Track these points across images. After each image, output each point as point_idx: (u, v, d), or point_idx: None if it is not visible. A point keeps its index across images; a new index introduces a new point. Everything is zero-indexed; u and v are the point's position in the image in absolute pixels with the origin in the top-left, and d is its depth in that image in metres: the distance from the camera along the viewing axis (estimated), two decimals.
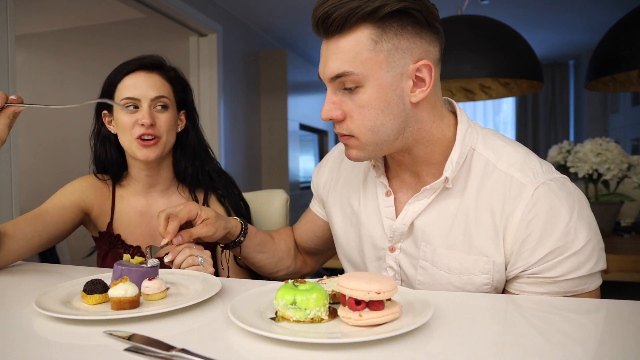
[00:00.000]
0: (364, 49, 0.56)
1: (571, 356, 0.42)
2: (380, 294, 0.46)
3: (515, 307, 0.57)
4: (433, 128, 0.63)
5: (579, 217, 0.58)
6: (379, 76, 0.57)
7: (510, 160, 0.61)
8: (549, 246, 0.57)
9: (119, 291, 0.54)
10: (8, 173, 1.64)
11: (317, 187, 0.85)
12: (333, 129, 0.69)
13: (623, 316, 0.52)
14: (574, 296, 0.59)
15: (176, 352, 0.42)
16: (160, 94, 0.86)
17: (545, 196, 0.58)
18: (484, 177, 0.62)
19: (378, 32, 0.56)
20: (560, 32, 3.78)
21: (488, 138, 0.64)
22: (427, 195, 0.65)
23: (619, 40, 1.73)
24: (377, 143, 0.61)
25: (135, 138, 0.84)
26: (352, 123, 0.60)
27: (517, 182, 0.59)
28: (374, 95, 0.58)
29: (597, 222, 0.60)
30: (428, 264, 0.65)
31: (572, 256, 0.57)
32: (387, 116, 0.59)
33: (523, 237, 0.58)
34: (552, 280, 0.58)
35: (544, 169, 0.61)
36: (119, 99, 0.86)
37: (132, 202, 0.93)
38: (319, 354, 0.42)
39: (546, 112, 4.83)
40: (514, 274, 0.60)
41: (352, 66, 0.57)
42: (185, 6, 2.61)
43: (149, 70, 0.88)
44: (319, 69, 0.62)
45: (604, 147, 1.68)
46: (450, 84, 2.28)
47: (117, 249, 0.90)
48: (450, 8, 2.85)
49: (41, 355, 0.45)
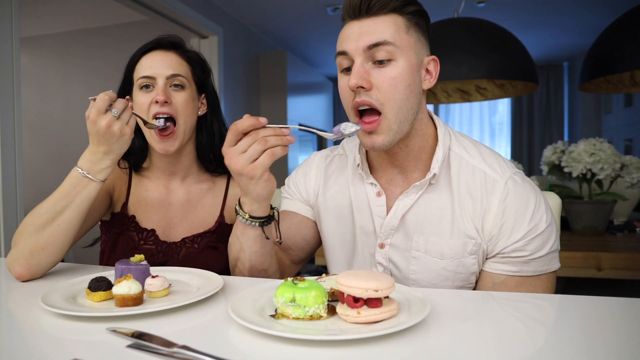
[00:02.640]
0: (401, 29, 0.66)
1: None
2: (378, 291, 0.47)
3: (509, 304, 0.59)
4: (427, 122, 0.73)
5: (541, 202, 0.69)
6: (410, 55, 0.66)
7: (479, 157, 0.72)
8: (523, 229, 0.67)
9: (123, 288, 0.55)
10: (13, 174, 1.65)
11: (304, 192, 0.84)
12: (350, 107, 0.67)
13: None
14: (539, 276, 0.68)
15: (178, 348, 0.43)
16: (176, 72, 0.83)
17: (514, 187, 0.68)
18: (460, 171, 0.71)
19: (408, 23, 0.67)
20: (555, 34, 3.81)
21: (459, 139, 0.74)
22: (416, 192, 0.71)
23: (612, 42, 1.76)
24: (400, 121, 0.67)
25: (154, 131, 0.81)
26: (380, 94, 0.65)
27: (490, 177, 0.69)
28: (405, 69, 0.65)
29: (591, 220, 0.65)
30: (421, 254, 0.71)
31: (539, 236, 0.67)
32: (411, 92, 0.67)
33: (500, 222, 0.67)
34: (524, 260, 0.67)
35: (507, 164, 0.72)
36: (137, 78, 0.84)
37: (150, 188, 0.90)
38: (318, 350, 0.43)
39: (541, 113, 4.86)
40: (493, 254, 0.69)
41: (393, 38, 0.64)
42: (186, 9, 2.61)
43: (167, 49, 0.85)
44: (348, 44, 0.65)
45: (598, 147, 1.71)
46: (447, 85, 2.30)
47: (130, 232, 0.87)
48: (447, 11, 2.87)
49: (46, 351, 0.46)
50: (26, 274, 0.70)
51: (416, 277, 0.71)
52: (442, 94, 2.33)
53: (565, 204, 1.75)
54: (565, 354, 0.42)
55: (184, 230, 0.89)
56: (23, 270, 0.70)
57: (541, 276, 0.69)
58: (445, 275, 0.69)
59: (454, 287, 0.70)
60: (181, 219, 0.90)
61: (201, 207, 0.91)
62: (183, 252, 0.87)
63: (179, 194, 0.91)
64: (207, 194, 0.93)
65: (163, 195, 0.90)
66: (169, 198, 0.90)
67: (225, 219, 0.91)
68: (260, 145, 0.60)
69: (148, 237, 0.87)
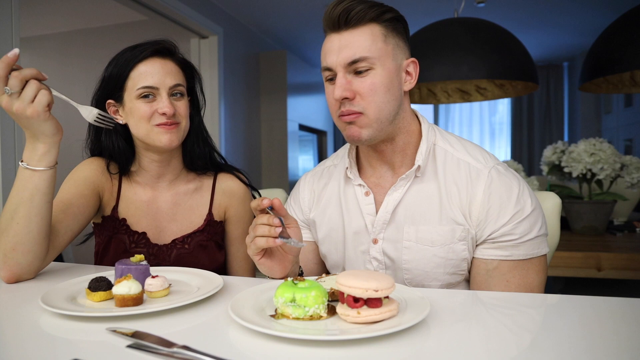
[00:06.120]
0: (378, 39, 0.70)
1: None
2: (378, 291, 0.47)
3: (510, 304, 0.59)
4: (410, 120, 0.77)
5: (525, 188, 0.73)
6: (387, 63, 0.71)
7: (463, 150, 0.76)
8: (509, 212, 0.70)
9: (123, 288, 0.55)
10: (13, 174, 1.65)
11: (300, 214, 0.88)
12: (336, 115, 0.72)
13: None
14: (531, 259, 0.71)
15: (178, 348, 0.43)
16: (178, 82, 0.83)
17: (497, 175, 0.72)
18: (445, 163, 0.75)
19: (385, 30, 0.71)
20: (555, 34, 3.81)
21: (443, 135, 0.79)
22: (403, 185, 0.75)
23: (612, 42, 1.76)
24: (381, 121, 0.71)
25: (154, 125, 0.81)
26: (363, 100, 0.70)
27: (474, 167, 0.73)
28: (384, 77, 0.70)
29: (591, 220, 0.65)
30: (412, 243, 0.74)
31: (526, 219, 0.70)
32: (391, 96, 0.71)
33: (486, 208, 0.71)
34: (513, 244, 0.70)
35: (491, 156, 0.77)
36: (133, 87, 0.81)
37: (139, 191, 0.90)
38: (317, 350, 0.43)
39: (541, 113, 4.86)
40: (482, 239, 0.72)
41: (370, 52, 0.69)
42: (186, 9, 2.62)
43: (163, 56, 0.84)
44: (330, 59, 0.71)
45: (598, 148, 1.71)
46: (447, 85, 2.30)
47: (121, 235, 0.87)
48: (447, 11, 2.87)
49: (46, 351, 0.46)
50: (10, 275, 0.70)
51: (409, 267, 0.74)
52: (442, 94, 2.33)
53: (565, 204, 1.75)
54: (566, 354, 0.42)
55: (174, 232, 0.90)
56: (5, 273, 0.70)
57: (532, 259, 0.71)
58: (437, 262, 0.72)
59: (446, 274, 0.73)
60: (170, 221, 0.90)
61: (189, 207, 0.92)
62: (174, 253, 0.88)
63: (166, 196, 0.91)
64: (195, 194, 0.94)
65: (151, 198, 0.91)
66: (157, 201, 0.91)
67: (214, 217, 0.92)
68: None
69: (139, 240, 0.88)
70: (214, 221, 0.92)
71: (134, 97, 0.82)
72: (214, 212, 0.93)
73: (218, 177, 0.96)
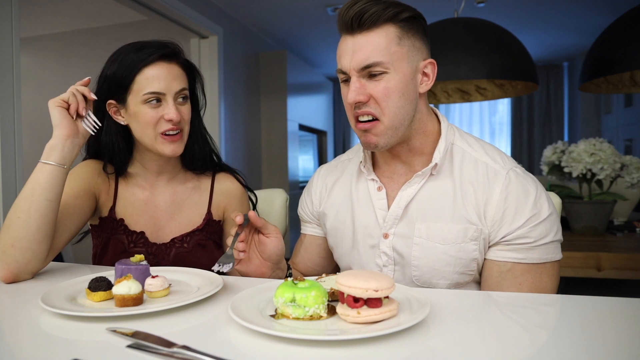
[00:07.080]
0: (392, 42, 0.68)
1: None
2: (378, 291, 0.47)
3: (509, 304, 0.59)
4: (427, 121, 0.76)
5: (542, 192, 0.72)
6: (402, 66, 0.69)
7: (481, 151, 0.76)
8: (525, 215, 0.69)
9: (123, 288, 0.55)
10: (13, 174, 1.65)
11: (310, 207, 0.89)
12: (353, 120, 0.73)
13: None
14: (545, 264, 0.70)
15: (178, 348, 0.43)
16: (183, 87, 0.83)
17: (515, 177, 0.71)
18: (462, 163, 0.74)
19: (401, 31, 0.69)
20: (555, 34, 3.81)
21: (462, 135, 0.79)
22: (418, 182, 0.75)
23: (612, 42, 1.76)
24: (396, 127, 0.71)
25: (159, 133, 0.81)
26: (377, 104, 0.70)
27: (492, 168, 0.73)
28: (398, 81, 0.69)
29: (591, 220, 0.66)
30: (423, 240, 0.73)
31: (541, 223, 0.69)
32: (406, 100, 0.70)
33: (503, 209, 0.70)
34: (528, 247, 0.69)
35: (509, 159, 0.76)
36: (139, 92, 0.80)
37: (136, 190, 0.90)
38: (317, 350, 0.43)
39: (541, 113, 4.86)
40: (496, 240, 0.71)
41: (383, 56, 0.68)
42: (186, 9, 2.61)
43: (169, 60, 0.83)
44: (344, 62, 0.70)
45: (598, 147, 1.71)
46: (447, 85, 2.30)
47: (119, 235, 0.87)
48: (447, 11, 2.87)
49: (46, 351, 0.46)
50: (7, 274, 0.70)
51: (418, 263, 0.73)
52: (442, 94, 2.33)
53: (565, 204, 1.75)
54: (566, 354, 0.42)
55: (173, 231, 0.90)
56: (2, 272, 0.70)
57: (546, 264, 0.70)
58: (447, 260, 0.71)
59: (454, 272, 0.72)
60: (169, 220, 0.90)
61: (187, 206, 0.92)
62: (173, 252, 0.88)
63: (165, 195, 0.91)
64: (193, 193, 0.94)
65: (149, 197, 0.91)
66: (156, 200, 0.91)
67: (212, 216, 0.93)
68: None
69: (138, 239, 0.87)
70: (213, 220, 0.93)
71: (140, 102, 0.81)
72: (212, 212, 0.93)
73: (216, 177, 0.96)
